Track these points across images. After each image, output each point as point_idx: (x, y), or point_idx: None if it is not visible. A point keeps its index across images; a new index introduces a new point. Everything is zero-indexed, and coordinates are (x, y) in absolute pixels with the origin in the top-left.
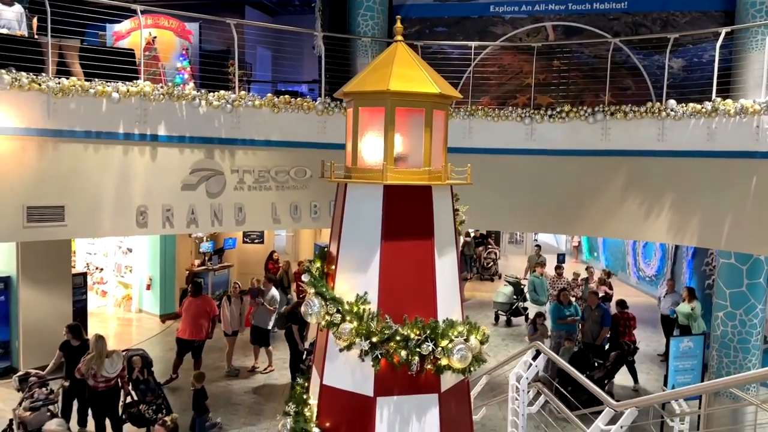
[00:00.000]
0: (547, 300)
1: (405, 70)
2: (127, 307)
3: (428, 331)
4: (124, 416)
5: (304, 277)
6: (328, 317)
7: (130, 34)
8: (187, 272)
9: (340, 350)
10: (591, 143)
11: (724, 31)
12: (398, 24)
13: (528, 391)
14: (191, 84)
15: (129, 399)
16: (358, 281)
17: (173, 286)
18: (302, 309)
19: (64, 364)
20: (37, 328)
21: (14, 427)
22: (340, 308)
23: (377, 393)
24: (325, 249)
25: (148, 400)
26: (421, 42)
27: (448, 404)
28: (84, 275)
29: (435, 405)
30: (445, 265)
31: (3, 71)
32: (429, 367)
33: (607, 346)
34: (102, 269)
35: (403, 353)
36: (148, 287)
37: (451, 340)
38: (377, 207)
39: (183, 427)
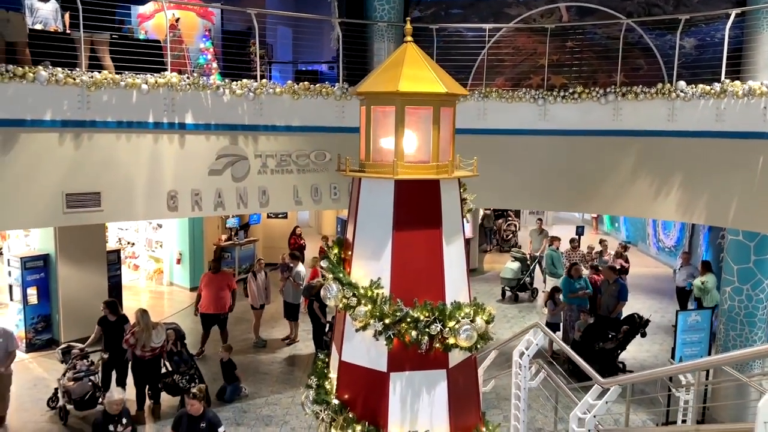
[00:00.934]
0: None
1: (414, 71)
2: (158, 281)
3: (437, 313)
4: (159, 386)
5: (323, 263)
6: (345, 300)
7: (154, 15)
8: (215, 247)
9: (356, 330)
10: (603, 123)
11: (734, 12)
12: (408, 26)
13: (530, 367)
14: (214, 65)
15: (164, 370)
16: (372, 267)
17: (202, 260)
18: (322, 293)
19: (102, 337)
20: (75, 302)
21: (59, 395)
22: (355, 292)
23: (390, 369)
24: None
25: (181, 370)
26: (436, 25)
27: (456, 378)
28: (117, 252)
29: (444, 379)
30: (453, 252)
31: (40, 67)
32: (437, 345)
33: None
34: (134, 244)
35: (414, 333)
36: (179, 261)
37: (458, 321)
38: (389, 199)
39: (213, 394)
